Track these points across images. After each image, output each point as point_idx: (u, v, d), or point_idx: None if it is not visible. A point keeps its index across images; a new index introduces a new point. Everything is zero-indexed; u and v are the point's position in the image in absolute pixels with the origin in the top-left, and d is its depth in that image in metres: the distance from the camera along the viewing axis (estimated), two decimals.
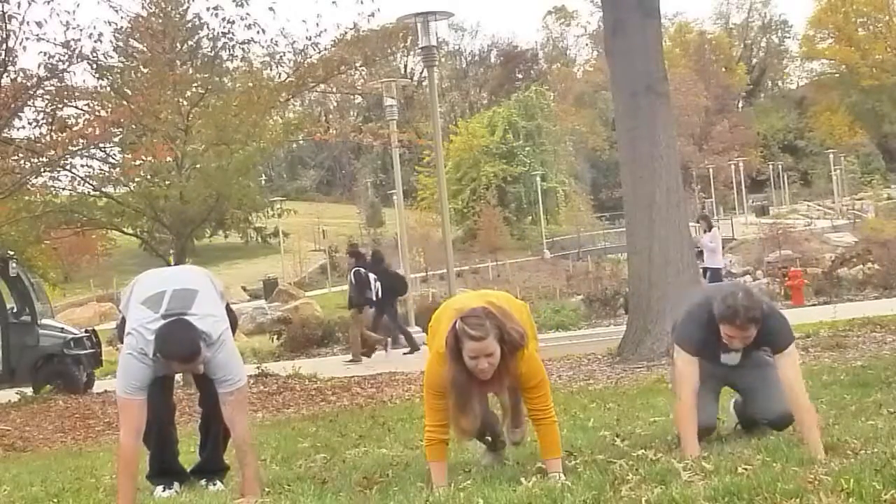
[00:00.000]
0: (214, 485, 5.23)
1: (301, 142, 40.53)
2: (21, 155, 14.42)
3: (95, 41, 14.04)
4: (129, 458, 4.63)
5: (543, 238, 59.32)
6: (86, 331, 16.29)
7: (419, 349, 15.55)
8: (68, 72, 14.09)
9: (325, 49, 15.22)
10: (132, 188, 15.25)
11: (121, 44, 21.54)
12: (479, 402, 4.47)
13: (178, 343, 4.55)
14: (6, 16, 12.79)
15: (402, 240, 25.44)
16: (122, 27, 18.24)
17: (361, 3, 14.54)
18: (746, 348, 4.77)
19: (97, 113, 14.80)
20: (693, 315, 4.84)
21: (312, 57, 15.25)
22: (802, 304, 18.40)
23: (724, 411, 5.41)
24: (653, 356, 10.58)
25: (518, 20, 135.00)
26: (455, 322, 4.29)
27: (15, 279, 15.26)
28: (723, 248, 20.11)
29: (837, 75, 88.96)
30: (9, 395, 13.90)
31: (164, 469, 5.30)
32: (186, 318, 4.63)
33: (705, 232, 17.50)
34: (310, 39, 14.99)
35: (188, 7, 23.03)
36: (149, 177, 15.39)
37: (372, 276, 15.95)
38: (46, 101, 14.39)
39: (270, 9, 14.60)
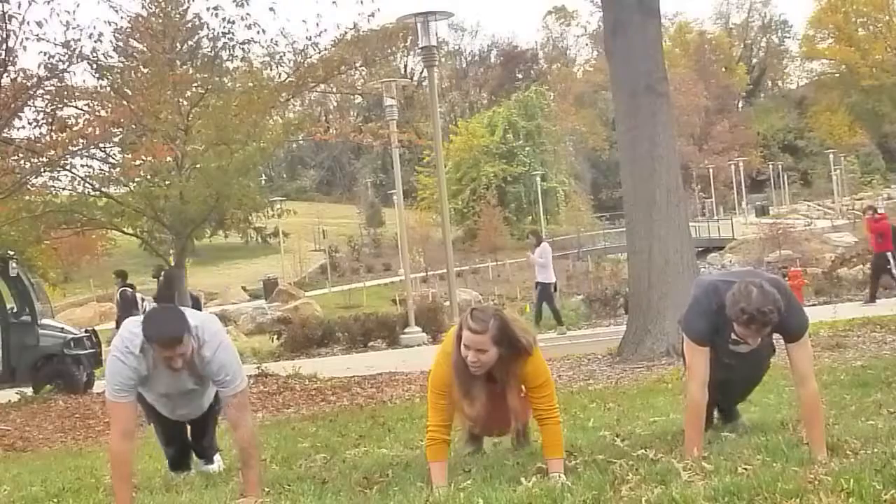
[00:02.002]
0: (212, 462, 5.32)
1: (301, 142, 40.42)
2: (21, 155, 14.40)
3: (95, 41, 14.03)
4: (121, 460, 4.61)
5: (543, 238, 59.21)
6: (86, 331, 16.26)
7: None
8: (68, 72, 14.09)
9: (325, 49, 15.21)
10: (132, 188, 15.23)
11: (121, 44, 21.45)
12: (485, 393, 4.50)
13: (164, 322, 4.54)
14: (6, 16, 12.79)
15: (402, 240, 25.49)
16: (122, 27, 18.21)
17: (361, 3, 14.53)
18: None
19: (97, 113, 14.78)
20: (701, 303, 4.62)
21: (312, 57, 15.24)
22: (802, 304, 18.36)
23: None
24: (653, 356, 10.60)
25: (518, 20, 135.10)
26: (465, 312, 4.47)
27: (15, 279, 15.24)
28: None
29: (837, 75, 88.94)
30: (9, 395, 13.89)
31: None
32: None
33: (535, 247, 17.64)
34: (310, 39, 14.98)
35: (188, 7, 22.93)
36: (149, 177, 15.37)
37: (139, 296, 15.21)
38: (46, 101, 14.37)
39: (270, 9, 14.59)
